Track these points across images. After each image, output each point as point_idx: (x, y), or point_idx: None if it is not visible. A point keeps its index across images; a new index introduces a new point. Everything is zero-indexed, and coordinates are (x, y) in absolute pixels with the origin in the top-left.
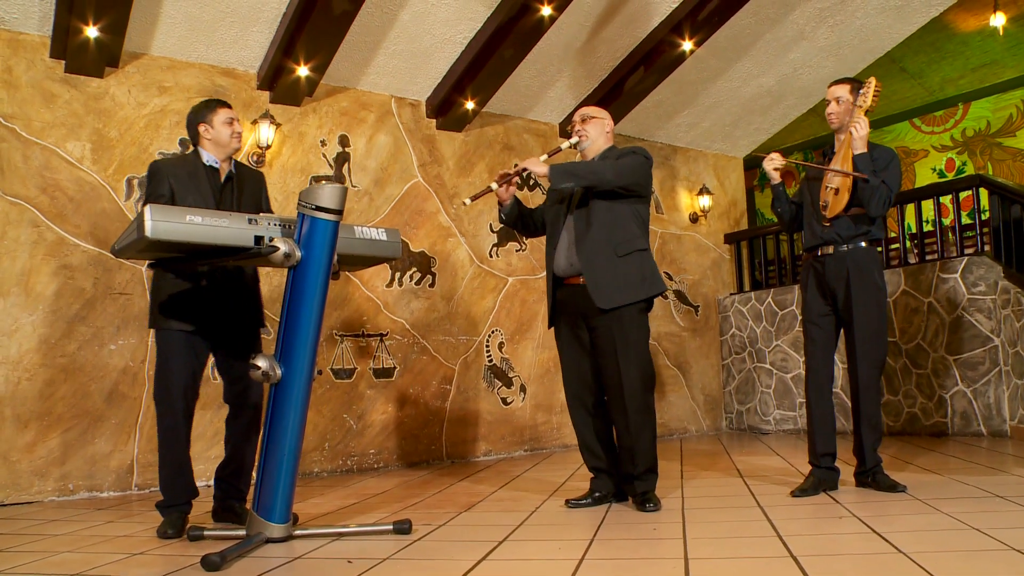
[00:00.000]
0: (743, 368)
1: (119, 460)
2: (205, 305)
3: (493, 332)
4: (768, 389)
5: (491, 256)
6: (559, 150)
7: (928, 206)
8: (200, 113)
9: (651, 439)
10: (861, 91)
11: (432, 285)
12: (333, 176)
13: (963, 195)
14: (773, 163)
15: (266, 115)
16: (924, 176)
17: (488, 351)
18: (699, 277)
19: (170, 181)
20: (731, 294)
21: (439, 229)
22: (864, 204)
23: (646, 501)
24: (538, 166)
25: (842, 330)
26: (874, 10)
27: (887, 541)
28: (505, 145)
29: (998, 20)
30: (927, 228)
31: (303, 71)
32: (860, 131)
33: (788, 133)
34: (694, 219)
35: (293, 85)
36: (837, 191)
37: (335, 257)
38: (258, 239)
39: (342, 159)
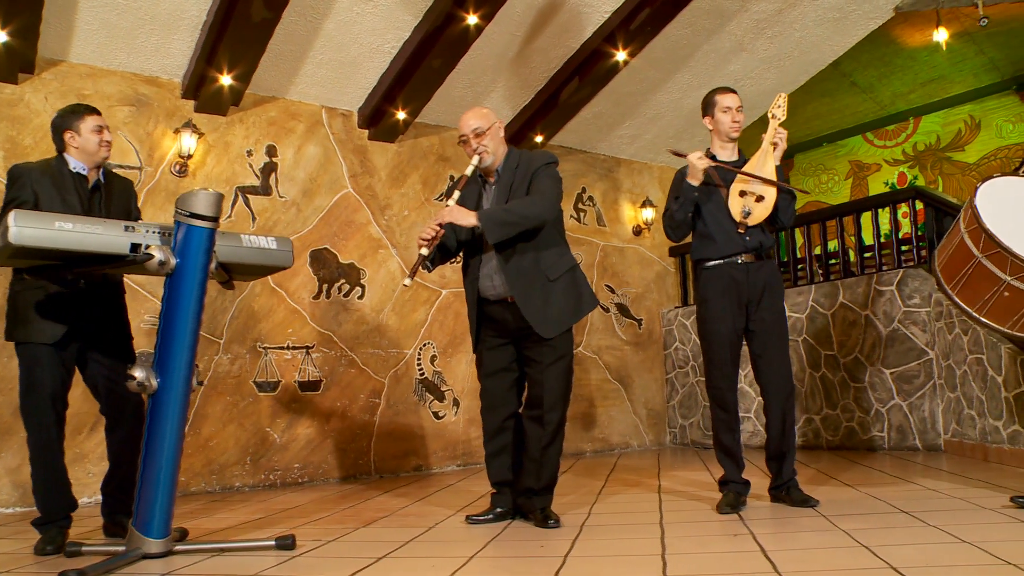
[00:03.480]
0: (687, 382)
1: (26, 475)
2: (68, 315)
3: (425, 345)
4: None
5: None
6: (464, 176)
7: (867, 218)
8: (66, 119)
9: (559, 455)
10: (777, 103)
11: (361, 297)
12: (259, 186)
13: (911, 208)
14: (705, 161)
15: (188, 124)
16: (877, 190)
17: (420, 364)
18: (642, 290)
19: (34, 187)
20: (675, 307)
21: (370, 240)
22: (784, 215)
23: (547, 518)
24: (464, 218)
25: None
26: (812, 22)
27: (769, 560)
28: (440, 156)
29: (940, 35)
30: (867, 241)
31: (227, 80)
32: (783, 143)
33: None
34: (637, 232)
35: (217, 94)
36: (761, 199)
37: (215, 265)
38: (134, 246)
39: (269, 169)
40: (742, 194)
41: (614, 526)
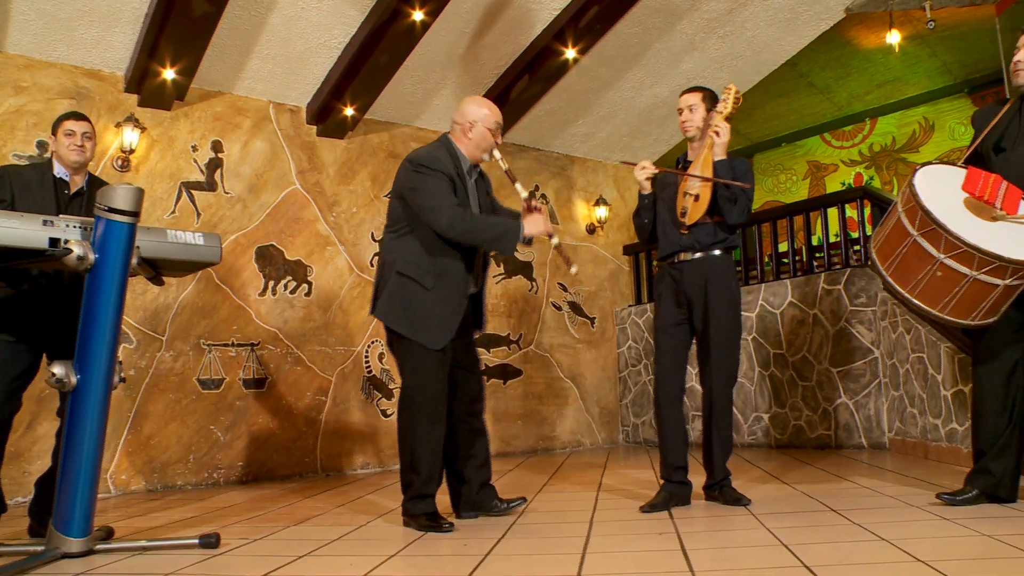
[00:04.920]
0: (639, 381)
1: None
2: (31, 312)
3: (373, 343)
4: None
5: (372, 265)
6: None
7: (817, 218)
8: (53, 124)
9: None
10: (722, 97)
11: (308, 294)
12: (205, 182)
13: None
14: (645, 172)
15: (130, 118)
16: (834, 190)
17: (367, 362)
18: (596, 289)
19: (12, 187)
20: (629, 306)
21: (317, 237)
22: (725, 211)
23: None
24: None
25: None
26: (763, 22)
27: (687, 558)
28: (390, 153)
29: (893, 37)
30: (816, 241)
31: (170, 74)
32: (722, 137)
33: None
34: (591, 230)
35: (160, 88)
36: (697, 197)
37: (136, 260)
38: (53, 241)
39: (214, 165)
40: (684, 194)
41: (544, 524)
